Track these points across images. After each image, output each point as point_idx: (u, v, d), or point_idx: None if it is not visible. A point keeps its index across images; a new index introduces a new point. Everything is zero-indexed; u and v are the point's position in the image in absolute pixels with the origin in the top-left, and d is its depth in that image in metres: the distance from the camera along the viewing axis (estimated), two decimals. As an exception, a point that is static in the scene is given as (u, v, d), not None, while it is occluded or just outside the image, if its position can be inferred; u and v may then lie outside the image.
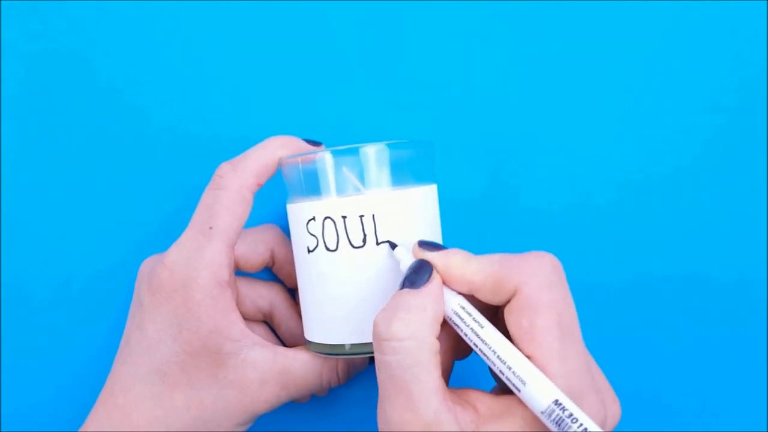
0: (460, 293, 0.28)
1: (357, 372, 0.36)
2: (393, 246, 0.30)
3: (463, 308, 0.27)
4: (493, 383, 0.31)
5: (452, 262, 0.28)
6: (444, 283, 0.28)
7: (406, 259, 0.29)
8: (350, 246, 0.30)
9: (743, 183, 0.39)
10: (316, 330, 0.32)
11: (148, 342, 0.32)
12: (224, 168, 0.33)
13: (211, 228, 0.32)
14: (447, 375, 0.31)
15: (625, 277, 0.39)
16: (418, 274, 0.28)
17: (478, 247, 0.37)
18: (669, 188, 0.39)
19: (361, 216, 0.30)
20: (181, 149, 0.39)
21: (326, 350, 0.32)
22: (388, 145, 0.30)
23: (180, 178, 0.39)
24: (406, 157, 0.31)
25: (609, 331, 0.39)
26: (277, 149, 0.33)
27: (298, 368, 0.33)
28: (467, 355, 0.32)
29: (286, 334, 0.38)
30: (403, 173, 0.31)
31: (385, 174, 0.30)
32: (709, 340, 0.39)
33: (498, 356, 0.26)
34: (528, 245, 0.38)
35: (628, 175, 0.39)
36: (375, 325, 0.27)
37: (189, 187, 0.38)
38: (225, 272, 0.32)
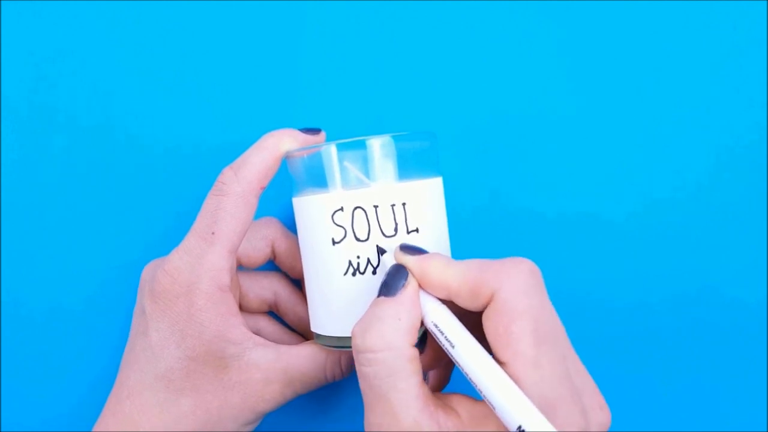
0: (440, 299, 0.29)
1: None
2: (382, 252, 0.30)
3: (436, 326, 0.28)
4: None
5: (430, 267, 0.28)
6: (423, 288, 0.29)
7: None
8: (382, 235, 0.30)
9: (748, 194, 0.39)
10: (330, 323, 0.32)
11: (152, 349, 0.31)
12: (226, 174, 0.32)
13: (213, 233, 0.31)
14: (446, 379, 0.33)
15: (626, 283, 0.40)
16: (394, 279, 0.28)
17: (478, 250, 0.39)
18: (676, 198, 0.39)
19: (393, 205, 0.30)
20: (181, 150, 0.39)
21: (336, 344, 0.32)
22: (417, 135, 0.31)
23: (183, 179, 0.38)
24: (428, 147, 0.32)
25: (608, 335, 0.40)
26: (275, 147, 0.33)
27: (301, 365, 0.33)
28: None
29: (294, 320, 0.38)
30: (426, 163, 0.32)
31: (414, 164, 0.31)
32: (710, 341, 0.40)
33: (470, 378, 0.26)
34: (529, 251, 0.39)
35: (635, 185, 0.39)
36: (352, 336, 0.28)
37: (192, 189, 0.38)
38: (226, 277, 0.32)
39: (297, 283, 0.39)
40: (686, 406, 0.40)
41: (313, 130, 0.34)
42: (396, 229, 0.30)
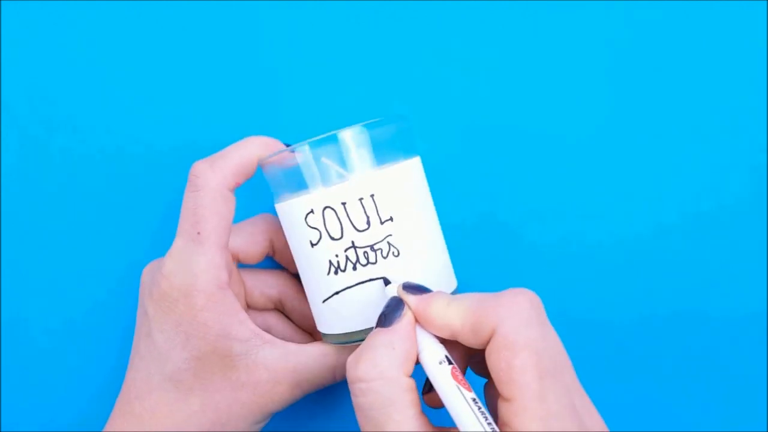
0: (440, 338, 0.28)
1: None
2: (386, 282, 0.30)
3: (426, 372, 0.27)
4: None
5: (431, 306, 0.28)
6: (425, 327, 0.28)
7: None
8: (355, 230, 0.30)
9: (747, 213, 0.39)
10: (331, 321, 0.32)
11: (158, 351, 0.32)
12: (200, 167, 0.32)
13: (199, 233, 0.31)
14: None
15: (623, 309, 0.39)
16: (390, 312, 0.28)
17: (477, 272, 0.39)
18: (677, 224, 0.39)
19: (361, 198, 0.30)
20: (181, 149, 0.39)
21: (344, 339, 0.32)
22: (368, 125, 0.30)
23: (181, 178, 0.37)
24: (389, 133, 0.31)
25: (605, 353, 0.39)
26: (255, 149, 0.33)
27: (310, 366, 0.33)
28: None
29: (299, 319, 0.38)
30: (389, 150, 0.31)
31: (373, 154, 0.30)
32: (710, 356, 0.39)
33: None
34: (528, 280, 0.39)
35: (634, 199, 0.39)
36: (347, 368, 0.27)
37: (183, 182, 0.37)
38: (223, 274, 0.32)
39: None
40: (687, 409, 0.39)
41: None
42: (368, 222, 0.30)
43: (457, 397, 0.26)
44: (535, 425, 0.24)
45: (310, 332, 0.38)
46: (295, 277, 0.38)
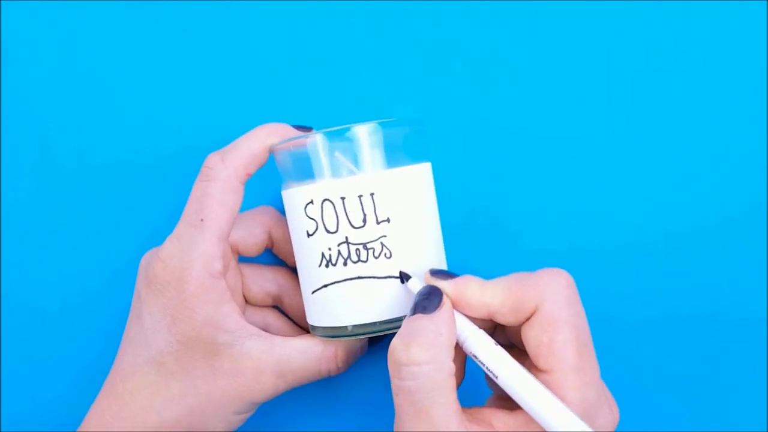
0: (472, 318, 0.29)
1: (357, 359, 0.36)
2: (406, 278, 0.30)
3: (476, 357, 0.28)
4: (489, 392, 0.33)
5: (468, 289, 0.29)
6: (460, 309, 0.29)
7: (419, 288, 0.30)
8: (351, 227, 0.30)
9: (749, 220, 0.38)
10: (318, 313, 0.32)
11: (144, 332, 0.32)
12: (212, 159, 0.33)
13: (202, 220, 0.32)
14: (461, 374, 0.33)
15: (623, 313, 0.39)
16: (429, 300, 0.29)
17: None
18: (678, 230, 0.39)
19: (360, 196, 0.30)
20: (178, 144, 0.39)
21: (329, 333, 0.32)
22: (381, 124, 0.30)
23: (184, 174, 0.39)
24: (400, 135, 0.31)
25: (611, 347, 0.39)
26: (266, 137, 0.33)
27: (295, 358, 0.33)
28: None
29: (298, 315, 0.38)
30: (398, 152, 0.31)
31: (381, 153, 0.30)
32: (712, 356, 0.39)
33: (518, 401, 0.27)
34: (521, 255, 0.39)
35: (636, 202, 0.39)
36: (392, 351, 0.27)
37: (188, 181, 0.38)
38: (218, 263, 0.32)
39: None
40: (688, 409, 0.39)
41: (305, 128, 0.34)
42: (365, 220, 0.30)
43: (525, 375, 0.27)
44: (572, 394, 0.27)
45: (308, 331, 0.38)
46: (295, 272, 0.38)
